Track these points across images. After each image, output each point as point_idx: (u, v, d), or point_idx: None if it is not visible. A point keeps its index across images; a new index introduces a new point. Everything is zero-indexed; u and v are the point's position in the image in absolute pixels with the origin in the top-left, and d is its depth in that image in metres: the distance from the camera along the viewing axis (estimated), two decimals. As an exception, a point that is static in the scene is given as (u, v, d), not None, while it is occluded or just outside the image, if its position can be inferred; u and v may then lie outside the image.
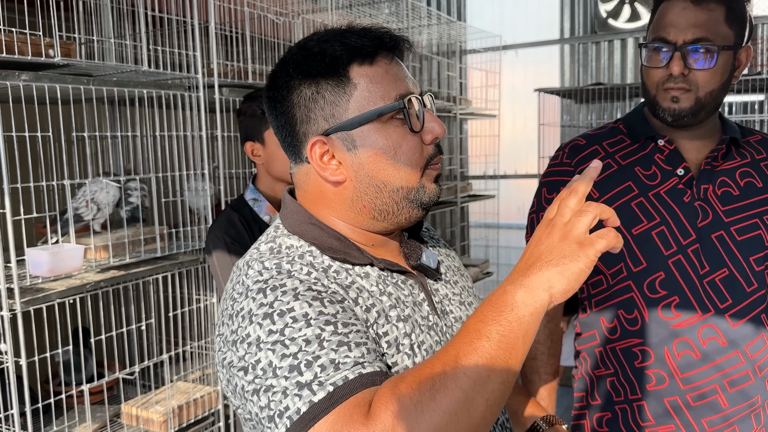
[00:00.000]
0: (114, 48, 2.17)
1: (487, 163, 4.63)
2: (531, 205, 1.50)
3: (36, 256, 1.82)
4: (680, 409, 1.31)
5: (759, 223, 1.31)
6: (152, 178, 2.16)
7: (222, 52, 2.53)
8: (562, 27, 4.65)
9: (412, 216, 0.95)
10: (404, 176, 0.91)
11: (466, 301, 1.04)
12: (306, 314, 0.79)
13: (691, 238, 1.30)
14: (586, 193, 0.78)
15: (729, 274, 1.29)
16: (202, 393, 2.30)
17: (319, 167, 0.91)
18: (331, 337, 0.78)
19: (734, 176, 1.34)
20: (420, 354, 0.88)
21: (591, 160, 1.38)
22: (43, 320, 1.83)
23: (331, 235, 0.92)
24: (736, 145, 1.37)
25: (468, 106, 4.27)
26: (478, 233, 5.01)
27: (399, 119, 0.90)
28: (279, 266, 0.86)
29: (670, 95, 1.29)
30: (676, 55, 1.27)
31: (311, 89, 0.90)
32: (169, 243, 2.27)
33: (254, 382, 0.79)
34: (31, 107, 1.77)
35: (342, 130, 0.89)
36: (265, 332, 0.79)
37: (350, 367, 0.76)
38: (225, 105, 2.35)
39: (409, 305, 0.92)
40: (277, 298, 0.81)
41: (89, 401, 2.00)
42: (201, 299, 2.38)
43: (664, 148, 1.36)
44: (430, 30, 4.18)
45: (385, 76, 0.90)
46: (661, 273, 1.30)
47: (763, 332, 1.31)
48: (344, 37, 0.89)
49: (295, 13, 2.92)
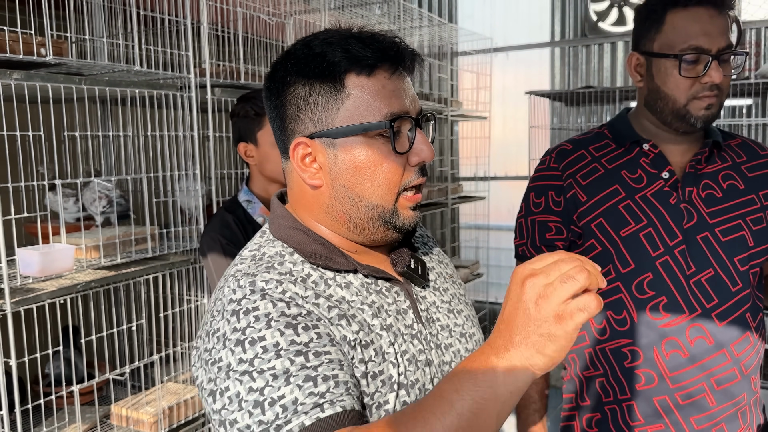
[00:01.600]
0: (106, 47, 2.16)
1: (477, 165, 4.65)
2: (519, 209, 1.51)
3: (26, 256, 1.81)
4: (669, 408, 1.33)
5: (742, 224, 1.34)
6: (143, 178, 2.15)
7: (214, 52, 2.53)
8: (552, 30, 4.67)
9: (387, 236, 0.94)
10: (380, 194, 0.89)
11: (455, 309, 1.03)
12: (277, 344, 0.79)
13: (678, 240, 1.32)
14: (586, 285, 0.68)
15: (714, 274, 1.32)
16: (192, 394, 2.29)
17: (299, 168, 0.91)
18: (298, 372, 0.78)
19: (717, 179, 1.37)
20: (403, 363, 0.88)
21: (578, 165, 1.42)
22: (32, 320, 1.82)
23: (315, 240, 0.92)
24: (718, 149, 1.40)
25: (459, 108, 4.28)
26: (469, 234, 5.03)
27: (385, 137, 0.88)
28: (253, 284, 0.85)
29: (705, 103, 1.31)
30: (714, 63, 1.28)
31: (305, 90, 0.89)
32: (160, 243, 2.27)
33: (220, 412, 0.80)
34: (21, 106, 1.76)
35: (327, 136, 0.89)
36: (235, 360, 0.80)
37: (309, 409, 0.76)
38: (217, 105, 2.35)
39: (392, 314, 0.91)
40: (249, 323, 0.81)
41: (79, 402, 1.99)
42: (192, 300, 2.37)
43: (649, 152, 1.38)
44: (421, 32, 4.19)
45: (381, 90, 0.88)
46: (649, 274, 1.33)
47: (748, 331, 1.33)
48: (348, 44, 0.88)
49: (288, 14, 2.92)
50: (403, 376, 0.87)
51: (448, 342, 0.98)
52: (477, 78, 4.54)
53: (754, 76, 3.35)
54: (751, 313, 1.34)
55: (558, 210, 1.42)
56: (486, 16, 4.94)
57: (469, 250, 4.99)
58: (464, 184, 4.55)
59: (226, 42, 2.61)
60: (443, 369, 0.95)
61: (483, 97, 4.56)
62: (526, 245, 1.48)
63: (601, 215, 1.37)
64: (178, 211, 2.32)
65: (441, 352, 0.96)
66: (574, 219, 1.40)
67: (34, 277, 1.83)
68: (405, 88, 0.91)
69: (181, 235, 2.31)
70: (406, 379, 0.87)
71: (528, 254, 1.47)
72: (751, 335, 1.33)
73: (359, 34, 0.90)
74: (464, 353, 1.00)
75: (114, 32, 2.37)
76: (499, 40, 4.71)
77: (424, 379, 0.90)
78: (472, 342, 1.03)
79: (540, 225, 1.45)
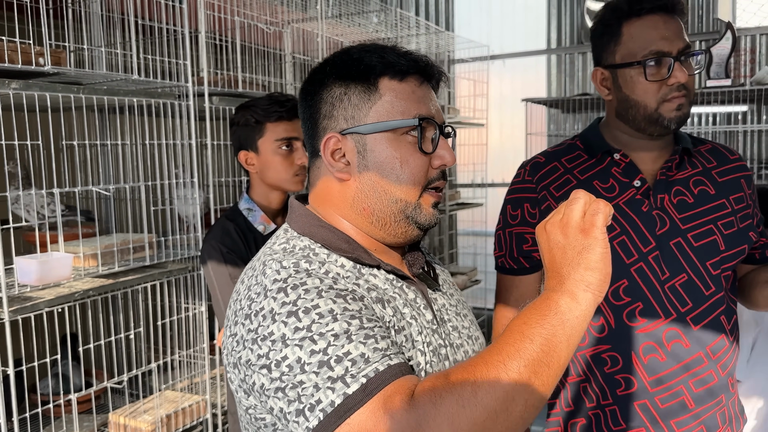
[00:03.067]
0: (104, 56, 2.17)
1: (475, 172, 4.65)
2: (497, 222, 1.54)
3: (24, 264, 1.81)
4: (649, 411, 1.35)
5: (714, 228, 1.36)
6: (141, 186, 2.16)
7: (212, 60, 2.54)
8: (549, 37, 4.70)
9: (408, 233, 0.98)
10: (405, 189, 0.94)
11: (461, 313, 1.07)
12: (332, 310, 0.81)
13: (651, 246, 1.34)
14: (587, 199, 0.82)
15: (688, 279, 1.34)
16: (190, 402, 2.29)
17: (329, 161, 0.96)
18: (358, 331, 0.80)
19: (688, 185, 1.39)
20: (429, 353, 0.91)
21: (551, 177, 1.45)
22: (30, 329, 1.82)
23: (339, 237, 0.95)
24: (688, 155, 1.43)
25: (456, 115, 4.29)
26: (466, 241, 5.03)
27: (413, 136, 0.94)
28: (297, 265, 0.88)
29: (675, 104, 1.34)
30: (677, 65, 1.31)
31: (341, 89, 0.95)
32: (158, 251, 2.27)
33: (280, 379, 0.80)
34: (20, 115, 1.77)
35: (357, 132, 0.94)
36: (290, 329, 0.80)
37: (379, 359, 0.78)
38: (215, 113, 2.35)
39: (414, 308, 0.95)
40: (300, 296, 0.83)
41: (77, 410, 1.99)
42: (190, 308, 2.38)
43: (620, 161, 1.41)
44: (418, 39, 4.21)
45: (411, 95, 0.95)
46: (625, 281, 1.35)
47: (723, 334, 1.36)
48: (384, 52, 0.95)
49: (285, 22, 2.93)
50: (429, 365, 0.90)
51: (458, 342, 1.01)
52: (474, 85, 4.56)
53: (749, 82, 3.37)
54: (725, 315, 1.36)
55: (534, 222, 1.45)
56: (483, 23, 4.96)
57: (466, 256, 4.99)
58: (462, 190, 4.57)
59: (223, 51, 2.63)
60: None
61: (480, 105, 4.57)
62: (504, 257, 1.51)
63: None
64: (176, 219, 2.32)
65: (454, 350, 0.99)
66: None
67: (32, 285, 1.83)
68: (432, 98, 0.98)
69: (179, 243, 2.31)
70: (432, 368, 0.90)
71: (507, 266, 1.51)
72: (726, 337, 1.36)
73: (394, 47, 0.97)
74: (472, 354, 1.03)
75: (112, 41, 2.38)
76: (496, 48, 4.73)
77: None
78: (477, 344, 1.07)
79: (517, 237, 1.48)
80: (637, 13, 1.34)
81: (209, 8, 2.36)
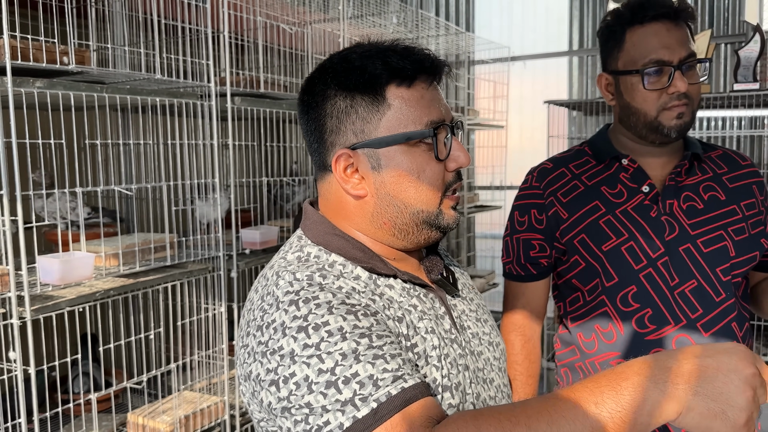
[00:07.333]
0: (127, 56, 2.17)
1: (494, 174, 4.62)
2: (505, 228, 1.53)
3: (47, 264, 1.81)
4: None
5: (724, 234, 1.35)
6: (163, 186, 2.15)
7: (234, 60, 2.53)
8: (570, 39, 4.65)
9: (431, 237, 0.96)
10: (425, 199, 0.91)
11: (481, 318, 1.05)
12: (341, 328, 0.79)
13: (660, 252, 1.33)
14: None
15: (698, 285, 1.33)
16: (208, 403, 2.28)
17: (342, 179, 0.92)
18: (366, 351, 0.77)
19: (698, 190, 1.38)
20: (446, 366, 0.88)
21: (558, 182, 1.44)
22: (51, 328, 1.82)
23: (355, 246, 0.92)
24: (698, 161, 1.42)
25: (475, 117, 4.26)
26: (485, 244, 5.00)
27: (426, 144, 0.91)
28: (311, 278, 0.85)
29: (675, 113, 1.33)
30: (677, 74, 1.31)
31: (346, 102, 0.90)
32: (179, 251, 2.26)
33: (288, 398, 0.78)
34: (43, 114, 1.77)
35: (369, 147, 0.90)
36: (299, 346, 0.78)
37: (391, 383, 0.75)
38: (236, 114, 2.34)
39: (432, 318, 0.92)
40: (311, 311, 0.80)
41: (96, 410, 1.99)
42: (209, 308, 2.37)
43: (629, 166, 1.40)
44: (438, 40, 4.18)
45: (420, 100, 0.90)
46: (633, 287, 1.34)
47: (735, 341, 1.32)
48: (386, 56, 0.89)
49: (307, 23, 2.92)
50: (446, 378, 0.87)
51: (479, 350, 0.99)
52: (494, 87, 4.52)
53: (776, 86, 3.30)
54: (737, 322, 1.34)
55: (541, 228, 1.45)
56: (503, 25, 4.92)
57: (485, 259, 4.96)
58: (480, 193, 4.53)
59: (245, 51, 2.62)
60: (477, 375, 0.95)
61: (500, 106, 4.54)
62: (512, 263, 1.51)
63: (582, 231, 1.40)
64: (197, 219, 2.32)
65: (474, 358, 0.96)
66: (557, 236, 1.43)
67: (54, 285, 1.83)
68: (440, 98, 0.94)
69: (200, 243, 2.31)
70: (449, 381, 0.87)
71: (514, 272, 1.50)
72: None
73: (394, 47, 0.91)
74: (493, 361, 1.01)
75: (135, 41, 2.38)
76: (517, 49, 4.70)
77: (464, 383, 0.90)
78: (498, 350, 1.04)
79: (524, 243, 1.47)
80: (641, 21, 1.33)
81: (231, 8, 2.35)
